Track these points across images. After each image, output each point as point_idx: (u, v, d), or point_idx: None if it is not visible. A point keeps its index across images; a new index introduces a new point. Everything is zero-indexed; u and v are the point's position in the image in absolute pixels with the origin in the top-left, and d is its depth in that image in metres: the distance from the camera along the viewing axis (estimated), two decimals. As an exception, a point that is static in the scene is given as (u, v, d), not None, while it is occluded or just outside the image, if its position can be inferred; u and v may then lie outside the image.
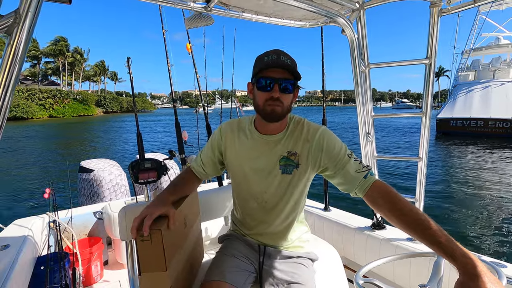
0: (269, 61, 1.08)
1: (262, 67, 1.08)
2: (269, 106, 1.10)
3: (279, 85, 1.08)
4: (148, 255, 0.96)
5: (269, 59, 1.08)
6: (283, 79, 1.08)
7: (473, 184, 8.37)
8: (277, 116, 1.12)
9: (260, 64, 1.11)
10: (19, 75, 0.85)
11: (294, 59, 1.13)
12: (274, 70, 1.08)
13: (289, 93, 1.11)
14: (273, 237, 1.27)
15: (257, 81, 1.11)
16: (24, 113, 43.44)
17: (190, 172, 1.36)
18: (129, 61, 2.32)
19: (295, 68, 1.11)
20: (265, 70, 1.09)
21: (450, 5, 1.43)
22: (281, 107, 1.10)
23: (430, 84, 1.60)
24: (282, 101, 1.10)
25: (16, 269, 1.49)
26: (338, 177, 1.14)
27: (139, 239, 0.96)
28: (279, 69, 1.08)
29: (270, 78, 1.08)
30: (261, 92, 1.11)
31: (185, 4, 1.40)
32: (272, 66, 1.07)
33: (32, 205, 7.16)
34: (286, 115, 1.16)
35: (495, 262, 1.39)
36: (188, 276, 1.20)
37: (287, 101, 1.11)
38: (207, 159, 1.33)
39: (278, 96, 1.08)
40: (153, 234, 0.95)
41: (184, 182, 1.30)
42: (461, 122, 19.53)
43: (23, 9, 0.81)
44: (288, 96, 1.12)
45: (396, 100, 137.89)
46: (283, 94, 1.09)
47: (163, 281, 0.97)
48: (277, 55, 1.08)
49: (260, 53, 1.16)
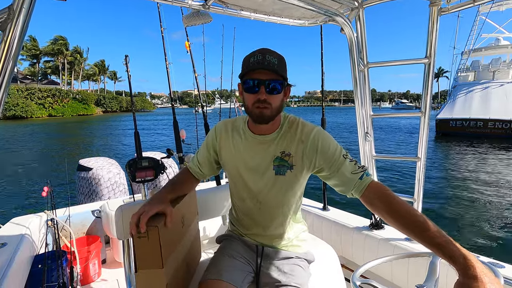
0: (254, 61, 1.05)
1: (248, 68, 1.06)
2: (257, 109, 1.08)
3: (266, 86, 1.05)
4: (144, 252, 0.96)
5: (254, 60, 1.05)
6: (269, 80, 1.05)
7: (472, 185, 8.37)
8: (266, 118, 1.10)
9: (246, 65, 1.08)
10: (13, 71, 0.85)
11: (282, 56, 1.10)
12: (260, 72, 1.05)
13: (278, 94, 1.08)
14: (271, 237, 1.27)
15: (244, 83, 1.09)
16: (23, 112, 43.38)
17: (188, 172, 1.36)
18: (127, 59, 2.30)
19: (283, 67, 1.08)
20: (251, 72, 1.06)
21: (449, 4, 1.42)
22: (269, 109, 1.08)
23: (429, 84, 1.59)
24: (270, 103, 1.07)
25: (13, 267, 1.49)
26: (334, 179, 1.13)
27: (136, 236, 0.95)
28: (265, 70, 1.04)
29: (256, 80, 1.06)
30: (248, 94, 1.09)
31: (183, 2, 1.40)
32: (258, 68, 1.04)
33: (30, 203, 7.15)
34: (276, 116, 1.13)
35: (493, 263, 1.39)
36: (185, 274, 1.19)
37: (275, 102, 1.09)
38: (203, 159, 1.33)
39: (265, 97, 1.06)
40: (150, 231, 0.95)
41: (182, 181, 1.30)
42: (460, 123, 19.56)
43: (17, 5, 0.81)
44: (277, 97, 1.09)
45: (396, 100, 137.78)
46: (271, 95, 1.07)
47: (159, 278, 0.97)
48: (263, 55, 1.05)
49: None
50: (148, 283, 0.97)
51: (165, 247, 0.98)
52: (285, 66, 1.11)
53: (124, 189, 3.19)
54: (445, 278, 1.40)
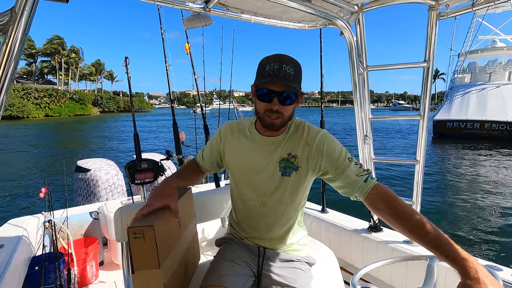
0: (270, 70, 1.03)
1: (263, 77, 1.04)
2: (269, 118, 1.09)
3: (279, 97, 1.05)
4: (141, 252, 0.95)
5: (270, 68, 1.03)
6: (284, 91, 1.04)
7: (469, 187, 8.42)
8: (277, 127, 1.11)
9: (261, 72, 1.06)
10: (14, 73, 0.84)
11: (299, 64, 1.09)
12: (275, 82, 1.03)
13: (290, 104, 1.08)
14: (273, 240, 1.27)
15: (258, 90, 1.08)
16: (20, 112, 43.01)
17: (195, 162, 1.42)
18: (127, 60, 2.30)
19: (298, 77, 1.07)
20: (265, 81, 1.04)
21: (448, 9, 1.43)
22: (281, 119, 1.09)
23: (428, 87, 1.60)
24: (282, 113, 1.08)
25: (10, 269, 1.48)
26: (339, 181, 1.14)
27: (132, 236, 0.95)
28: (280, 81, 1.02)
29: (270, 90, 1.05)
30: (261, 102, 1.09)
31: (183, 5, 1.40)
32: (273, 79, 1.02)
33: (27, 205, 7.10)
34: (286, 123, 1.14)
35: (491, 265, 1.40)
36: (183, 276, 1.19)
37: (287, 112, 1.09)
38: (207, 157, 1.37)
39: (277, 108, 1.06)
40: (145, 231, 0.94)
41: (189, 171, 1.39)
42: (457, 124, 19.68)
43: (19, 7, 0.80)
44: (289, 108, 1.09)
45: (393, 102, 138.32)
46: (284, 106, 1.07)
47: (157, 278, 0.96)
48: (280, 64, 1.02)
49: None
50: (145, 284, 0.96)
51: (162, 247, 0.97)
52: (301, 74, 1.09)
53: (122, 191, 3.18)
54: (443, 281, 1.40)
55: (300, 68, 1.09)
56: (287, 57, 1.07)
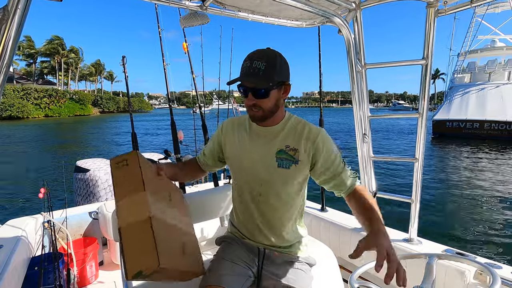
0: (243, 68, 1.10)
1: (240, 75, 1.11)
2: (251, 111, 1.16)
3: (252, 92, 1.12)
4: (124, 178, 0.87)
5: (244, 66, 1.11)
6: (253, 87, 1.10)
7: (469, 186, 8.42)
8: (258, 119, 1.17)
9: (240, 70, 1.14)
10: (8, 72, 0.84)
11: (275, 57, 1.10)
12: (245, 79, 1.10)
13: (265, 97, 1.12)
14: (273, 240, 1.26)
15: (238, 88, 1.16)
16: (19, 113, 42.94)
17: (195, 161, 1.47)
18: (124, 60, 2.30)
19: (270, 71, 1.08)
20: (240, 79, 1.12)
21: (446, 6, 1.43)
22: (261, 111, 1.15)
23: (426, 85, 1.60)
24: (260, 105, 1.13)
25: (9, 270, 1.47)
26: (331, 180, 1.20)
27: (114, 166, 0.89)
28: (249, 78, 1.09)
29: (244, 87, 1.12)
30: (243, 98, 1.17)
31: (180, 3, 1.39)
32: (243, 76, 1.10)
33: (26, 205, 7.09)
34: (270, 115, 1.18)
35: (490, 263, 1.39)
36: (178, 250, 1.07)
37: (265, 105, 1.14)
38: (208, 151, 1.41)
39: (253, 102, 1.13)
40: (129, 158, 0.89)
41: (186, 164, 1.47)
42: (457, 124, 19.66)
43: (12, 6, 0.80)
44: (265, 100, 1.13)
45: (393, 102, 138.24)
46: (259, 99, 1.12)
47: (143, 202, 0.86)
48: (251, 61, 1.08)
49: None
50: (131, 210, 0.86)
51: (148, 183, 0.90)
52: (274, 68, 1.09)
53: (122, 190, 3.17)
54: (442, 279, 1.40)
55: (274, 62, 1.10)
56: (260, 53, 1.10)
